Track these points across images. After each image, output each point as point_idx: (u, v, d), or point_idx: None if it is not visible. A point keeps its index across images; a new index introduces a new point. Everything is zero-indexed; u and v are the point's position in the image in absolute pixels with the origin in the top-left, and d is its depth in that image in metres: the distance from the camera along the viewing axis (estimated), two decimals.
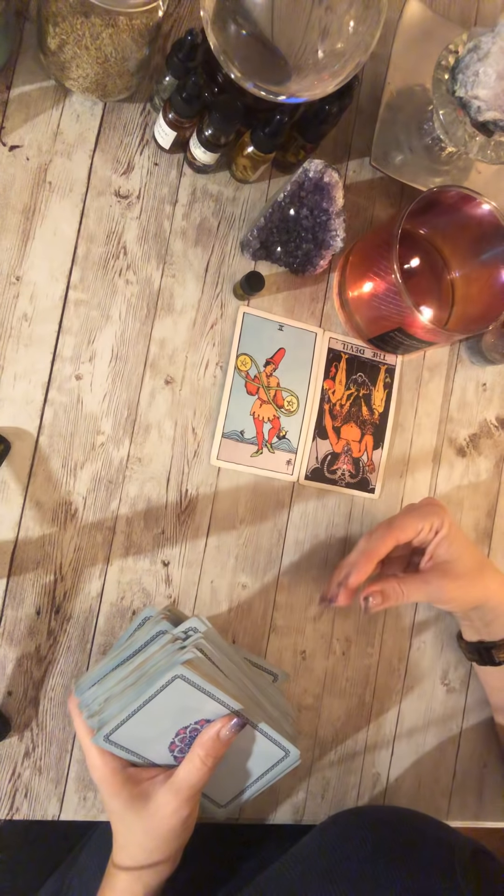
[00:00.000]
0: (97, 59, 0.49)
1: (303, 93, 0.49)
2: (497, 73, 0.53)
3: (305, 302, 0.63)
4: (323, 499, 0.62)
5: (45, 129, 0.55)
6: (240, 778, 0.51)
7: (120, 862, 0.47)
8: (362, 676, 0.63)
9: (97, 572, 0.55)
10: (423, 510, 0.55)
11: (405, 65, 0.63)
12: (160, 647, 0.45)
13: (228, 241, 0.60)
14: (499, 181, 0.67)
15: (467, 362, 0.68)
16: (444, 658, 0.66)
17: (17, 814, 0.53)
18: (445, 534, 0.55)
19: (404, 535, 0.54)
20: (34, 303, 0.54)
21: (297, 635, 0.61)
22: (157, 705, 0.43)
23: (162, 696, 0.43)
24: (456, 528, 0.56)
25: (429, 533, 0.55)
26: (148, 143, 0.58)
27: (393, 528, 0.54)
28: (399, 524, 0.54)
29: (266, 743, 0.47)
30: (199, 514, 0.58)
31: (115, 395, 0.56)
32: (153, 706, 0.43)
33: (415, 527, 0.54)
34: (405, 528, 0.54)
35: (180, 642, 0.45)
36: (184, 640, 0.45)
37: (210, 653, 0.44)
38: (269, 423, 0.61)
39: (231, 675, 0.46)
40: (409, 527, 0.54)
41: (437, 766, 0.65)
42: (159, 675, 0.42)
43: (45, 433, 0.54)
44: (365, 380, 0.64)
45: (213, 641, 0.45)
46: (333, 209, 0.56)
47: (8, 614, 0.53)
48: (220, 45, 0.48)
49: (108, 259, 0.57)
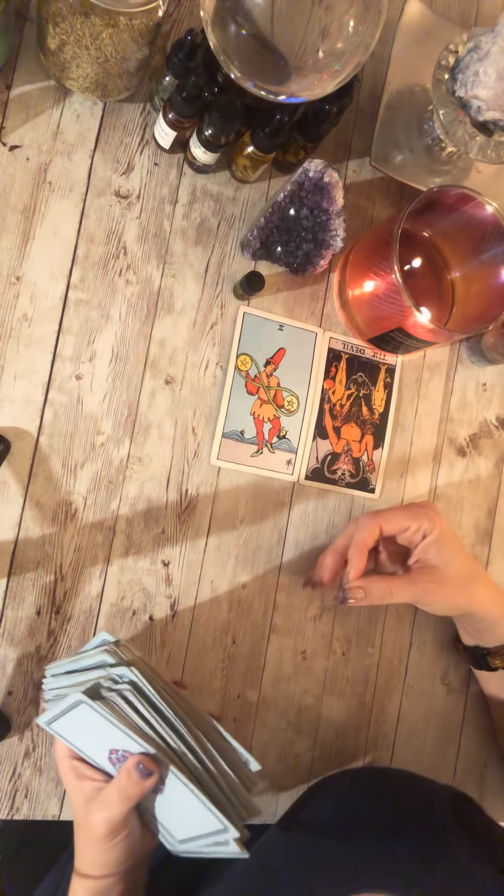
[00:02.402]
0: (97, 59, 0.49)
1: (303, 93, 0.49)
2: (497, 73, 0.53)
3: (305, 302, 0.63)
4: (323, 499, 0.62)
5: (45, 129, 0.55)
6: (188, 826, 0.46)
7: (76, 867, 0.47)
8: (362, 676, 0.63)
9: (97, 572, 0.55)
10: (415, 510, 0.55)
11: (405, 65, 0.63)
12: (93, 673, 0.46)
13: (228, 241, 0.60)
14: (499, 181, 0.67)
15: (467, 362, 0.68)
16: (444, 658, 0.66)
17: (18, 814, 0.53)
18: (435, 538, 0.55)
19: (388, 527, 0.55)
20: (34, 303, 0.54)
21: (297, 635, 0.61)
22: (80, 716, 0.44)
23: (76, 712, 0.44)
24: (449, 534, 0.56)
25: (415, 533, 0.55)
26: (148, 143, 0.58)
27: (378, 518, 0.54)
28: (385, 515, 0.55)
29: (200, 808, 0.43)
30: (200, 514, 0.58)
31: (116, 395, 0.56)
32: (76, 715, 0.44)
33: (401, 522, 0.54)
34: (390, 521, 0.54)
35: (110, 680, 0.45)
36: (114, 682, 0.45)
37: (130, 700, 0.44)
38: (270, 422, 0.61)
39: (156, 726, 0.44)
40: (395, 521, 0.55)
41: (437, 766, 0.65)
42: (70, 693, 0.43)
43: (45, 433, 0.54)
44: (365, 380, 0.64)
45: (140, 691, 0.44)
46: (333, 209, 0.56)
47: (8, 614, 0.53)
48: (220, 45, 0.48)
49: (108, 259, 0.57)
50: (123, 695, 0.44)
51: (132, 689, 0.44)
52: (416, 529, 0.55)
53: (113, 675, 0.44)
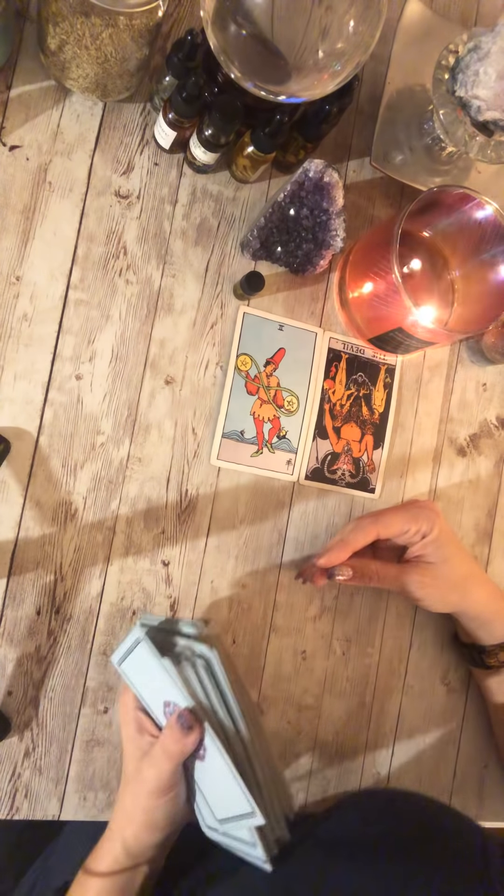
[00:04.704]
0: (97, 59, 0.49)
1: (303, 93, 0.49)
2: (497, 73, 0.53)
3: (305, 302, 0.63)
4: (323, 499, 0.62)
5: (45, 129, 0.55)
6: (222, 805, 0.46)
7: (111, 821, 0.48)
8: (362, 676, 0.63)
9: (97, 572, 0.55)
10: (414, 512, 0.55)
11: (405, 65, 0.63)
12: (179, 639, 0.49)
13: (228, 241, 0.60)
14: (499, 181, 0.67)
15: (467, 362, 0.68)
16: (444, 658, 0.66)
17: (18, 814, 0.53)
18: (434, 538, 0.55)
19: (387, 532, 0.54)
20: (34, 303, 0.54)
21: (297, 635, 0.61)
22: (143, 660, 0.46)
23: (140, 653, 0.46)
24: (448, 534, 0.56)
25: (414, 535, 0.55)
26: (148, 143, 0.58)
27: (377, 524, 0.54)
28: (385, 521, 0.54)
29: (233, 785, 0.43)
30: (200, 514, 0.58)
31: (115, 395, 0.56)
32: (140, 658, 0.47)
33: (400, 526, 0.54)
34: (390, 526, 0.54)
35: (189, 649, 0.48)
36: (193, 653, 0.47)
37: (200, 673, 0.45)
38: (270, 422, 0.61)
39: (211, 696, 0.46)
40: (395, 525, 0.54)
41: (437, 766, 0.65)
42: (134, 632, 0.47)
43: (45, 433, 0.54)
44: (365, 380, 0.64)
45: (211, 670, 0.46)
46: (333, 209, 0.56)
47: (8, 614, 0.53)
48: (220, 45, 0.48)
49: (108, 259, 0.57)
50: (196, 667, 0.45)
51: (206, 666, 0.46)
52: (416, 532, 0.55)
53: (194, 647, 0.47)
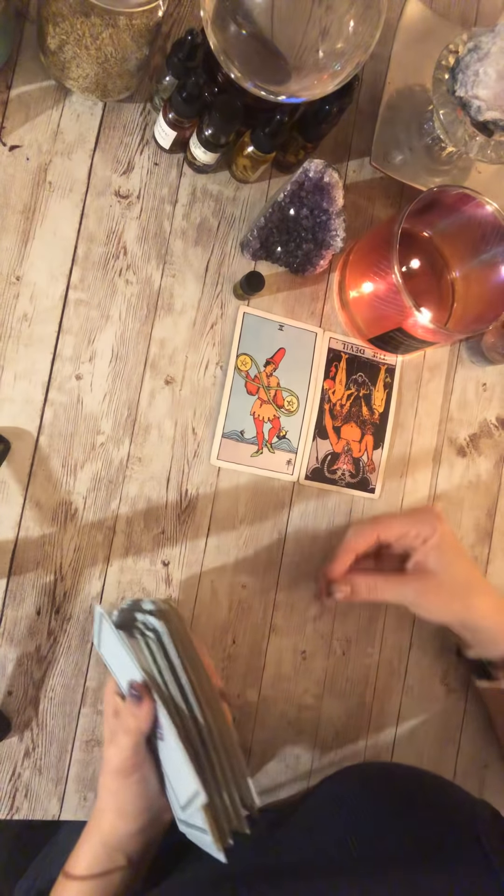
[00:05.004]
0: (97, 59, 0.49)
1: (303, 93, 0.49)
2: (497, 73, 0.53)
3: (305, 302, 0.63)
4: (323, 499, 0.62)
5: (45, 129, 0.55)
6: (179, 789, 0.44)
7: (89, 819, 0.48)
8: (362, 676, 0.63)
9: (97, 572, 0.55)
10: (415, 515, 0.55)
11: (405, 65, 0.63)
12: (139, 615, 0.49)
13: (228, 241, 0.60)
14: (499, 181, 0.67)
15: (467, 362, 0.68)
16: (444, 658, 0.66)
17: (18, 814, 0.53)
18: (435, 543, 0.54)
19: (386, 534, 0.54)
20: (34, 303, 0.54)
21: (297, 635, 0.61)
22: (110, 641, 0.46)
23: (107, 634, 0.47)
24: (451, 540, 0.55)
25: (414, 539, 0.54)
26: (148, 143, 0.58)
27: (377, 525, 0.54)
28: (384, 522, 0.54)
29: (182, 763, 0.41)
30: (199, 514, 0.58)
31: (115, 395, 0.56)
32: (108, 639, 0.47)
33: (399, 529, 0.54)
34: (389, 528, 0.54)
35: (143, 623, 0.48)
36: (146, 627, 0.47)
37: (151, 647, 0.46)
38: (270, 422, 0.61)
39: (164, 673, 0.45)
40: (394, 527, 0.54)
41: (438, 766, 0.65)
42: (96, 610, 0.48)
43: (45, 433, 0.54)
44: (365, 380, 0.64)
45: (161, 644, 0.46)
46: (333, 209, 0.56)
47: (8, 614, 0.53)
48: (220, 45, 0.48)
49: (108, 259, 0.57)
50: (147, 640, 0.46)
51: (156, 640, 0.45)
52: (416, 535, 0.54)
53: (147, 621, 0.47)
